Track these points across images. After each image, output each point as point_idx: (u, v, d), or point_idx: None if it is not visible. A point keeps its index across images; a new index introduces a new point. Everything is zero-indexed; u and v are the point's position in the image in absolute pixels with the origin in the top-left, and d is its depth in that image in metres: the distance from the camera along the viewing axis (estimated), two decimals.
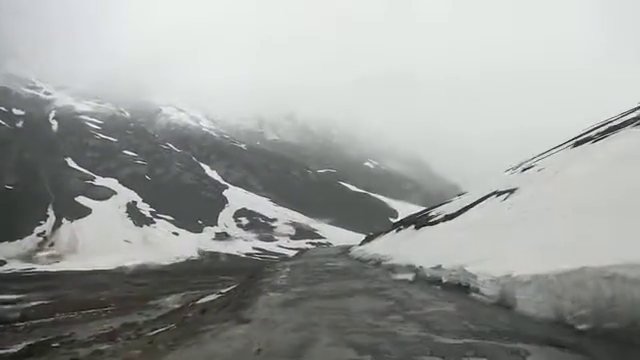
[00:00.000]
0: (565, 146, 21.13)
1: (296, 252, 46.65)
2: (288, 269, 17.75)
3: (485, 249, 8.13)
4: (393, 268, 12.56)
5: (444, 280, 8.50)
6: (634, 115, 18.00)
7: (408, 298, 7.83)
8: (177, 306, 26.43)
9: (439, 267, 8.88)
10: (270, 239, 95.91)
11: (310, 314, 6.97)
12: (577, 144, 18.88)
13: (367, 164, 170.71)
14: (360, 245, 28.89)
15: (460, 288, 7.64)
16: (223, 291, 22.23)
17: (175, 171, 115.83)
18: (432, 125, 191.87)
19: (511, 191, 13.73)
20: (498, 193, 14.89)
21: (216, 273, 48.30)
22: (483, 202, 15.38)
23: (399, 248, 15.61)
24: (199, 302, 21.87)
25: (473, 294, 7.04)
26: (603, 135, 16.95)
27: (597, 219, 6.62)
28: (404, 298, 7.87)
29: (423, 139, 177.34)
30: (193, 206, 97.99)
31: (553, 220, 8.01)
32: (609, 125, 19.08)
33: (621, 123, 17.80)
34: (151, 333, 16.35)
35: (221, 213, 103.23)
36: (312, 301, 8.38)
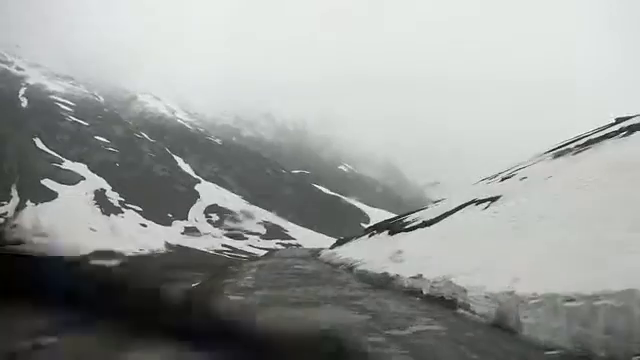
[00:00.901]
0: (543, 157, 20.80)
1: (265, 252, 45.75)
2: (255, 270, 17.03)
3: (473, 259, 7.45)
4: (366, 275, 11.92)
5: (425, 292, 7.90)
6: (612, 129, 17.73)
7: (386, 311, 7.21)
8: None
9: (420, 277, 8.20)
10: (240, 237, 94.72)
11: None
12: (557, 156, 18.54)
13: (341, 168, 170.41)
14: (331, 248, 28.49)
15: (444, 302, 7.00)
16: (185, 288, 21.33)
17: (147, 161, 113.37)
18: (408, 132, 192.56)
19: (493, 199, 13.29)
20: (478, 201, 14.50)
21: (182, 268, 47.05)
22: (463, 210, 14.92)
23: (373, 254, 14.98)
24: None
25: (462, 311, 6.39)
26: (584, 147, 16.58)
27: (606, 231, 5.94)
28: (381, 311, 7.23)
29: (398, 146, 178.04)
30: (163, 198, 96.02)
31: (551, 230, 7.36)
32: (588, 139, 18.83)
33: (601, 136, 17.54)
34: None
35: (192, 208, 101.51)
36: (276, 309, 7.66)
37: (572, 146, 18.83)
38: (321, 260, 22.08)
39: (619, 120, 21.08)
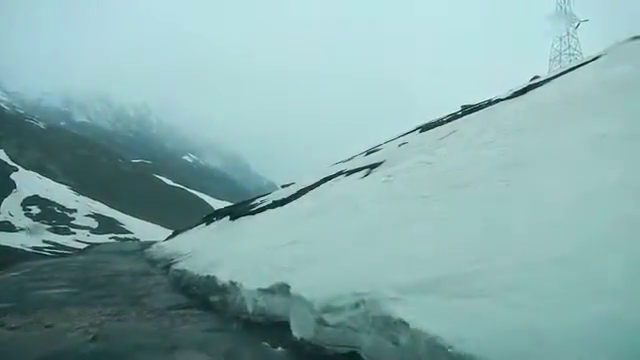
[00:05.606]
0: (409, 133, 19.68)
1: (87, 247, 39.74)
2: (17, 273, 12.14)
3: (424, 252, 3.47)
4: (184, 278, 7.79)
5: (300, 334, 3.76)
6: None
7: None
8: None
9: (282, 290, 3.91)
10: (66, 232, 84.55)
11: None
12: (425, 130, 17.37)
13: (186, 158, 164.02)
14: (165, 241, 24.80)
15: None
16: None
17: None
18: (254, 123, 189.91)
19: (373, 166, 10.11)
20: (348, 172, 11.32)
21: None
22: (327, 183, 11.56)
23: (204, 245, 11.05)
24: None
25: None
26: (450, 120, 15.58)
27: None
28: None
29: (244, 137, 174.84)
30: None
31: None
32: (449, 116, 17.83)
33: (469, 109, 16.80)
34: None
35: (6, 199, 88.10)
36: None
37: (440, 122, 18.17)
38: (144, 255, 17.98)
39: (464, 107, 21.55)
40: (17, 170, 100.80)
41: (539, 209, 4.12)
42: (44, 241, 76.68)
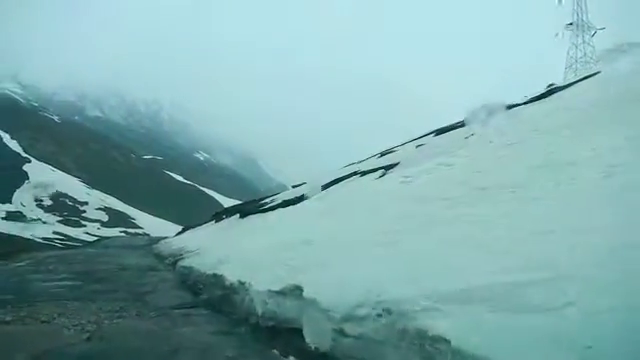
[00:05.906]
0: (424, 136, 19.06)
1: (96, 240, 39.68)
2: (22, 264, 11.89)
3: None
4: (191, 275, 7.47)
5: (315, 342, 3.35)
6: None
7: None
8: None
9: (294, 293, 3.44)
10: (77, 224, 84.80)
11: None
12: (440, 133, 16.73)
13: (197, 155, 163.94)
14: (174, 237, 24.58)
15: None
16: None
17: None
18: (266, 122, 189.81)
19: (387, 167, 9.76)
20: (363, 172, 10.97)
21: None
22: (340, 184, 11.21)
23: (213, 242, 10.69)
24: None
25: None
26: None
27: None
28: None
29: (255, 136, 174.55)
30: None
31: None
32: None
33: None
34: None
35: (18, 190, 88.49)
36: None
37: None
38: (153, 250, 17.74)
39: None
40: (30, 161, 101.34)
41: (579, 213, 3.72)
42: (54, 232, 76.89)
